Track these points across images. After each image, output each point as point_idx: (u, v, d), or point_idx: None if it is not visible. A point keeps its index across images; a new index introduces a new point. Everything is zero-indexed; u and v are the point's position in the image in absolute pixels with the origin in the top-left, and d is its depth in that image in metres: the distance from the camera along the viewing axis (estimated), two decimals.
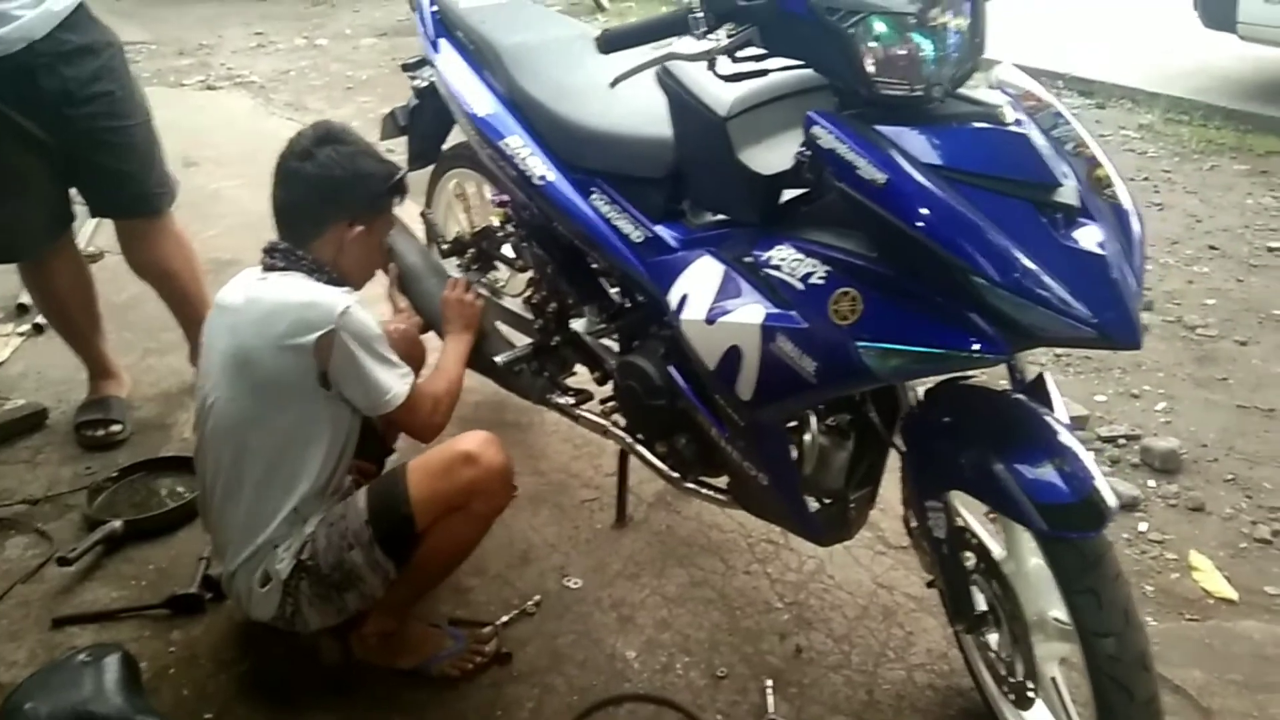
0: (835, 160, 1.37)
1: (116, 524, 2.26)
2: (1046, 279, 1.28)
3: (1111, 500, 1.34)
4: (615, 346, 2.15)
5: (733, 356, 1.61)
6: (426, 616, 2.01)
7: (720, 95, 1.61)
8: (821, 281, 1.46)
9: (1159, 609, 2.09)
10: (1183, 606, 2.11)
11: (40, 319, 3.21)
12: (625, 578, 2.18)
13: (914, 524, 1.67)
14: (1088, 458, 1.38)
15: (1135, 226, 1.43)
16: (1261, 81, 5.75)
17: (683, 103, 1.67)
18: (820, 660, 1.96)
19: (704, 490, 1.98)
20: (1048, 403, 1.51)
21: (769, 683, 1.89)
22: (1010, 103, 1.44)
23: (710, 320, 1.63)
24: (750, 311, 1.56)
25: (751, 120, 1.61)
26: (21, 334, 3.27)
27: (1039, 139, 1.39)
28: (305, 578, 1.76)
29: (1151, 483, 2.52)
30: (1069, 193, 1.36)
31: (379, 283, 2.10)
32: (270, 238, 1.84)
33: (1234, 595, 2.12)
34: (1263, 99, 5.52)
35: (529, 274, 2.27)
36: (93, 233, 3.64)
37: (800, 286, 1.49)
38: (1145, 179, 4.56)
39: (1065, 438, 1.41)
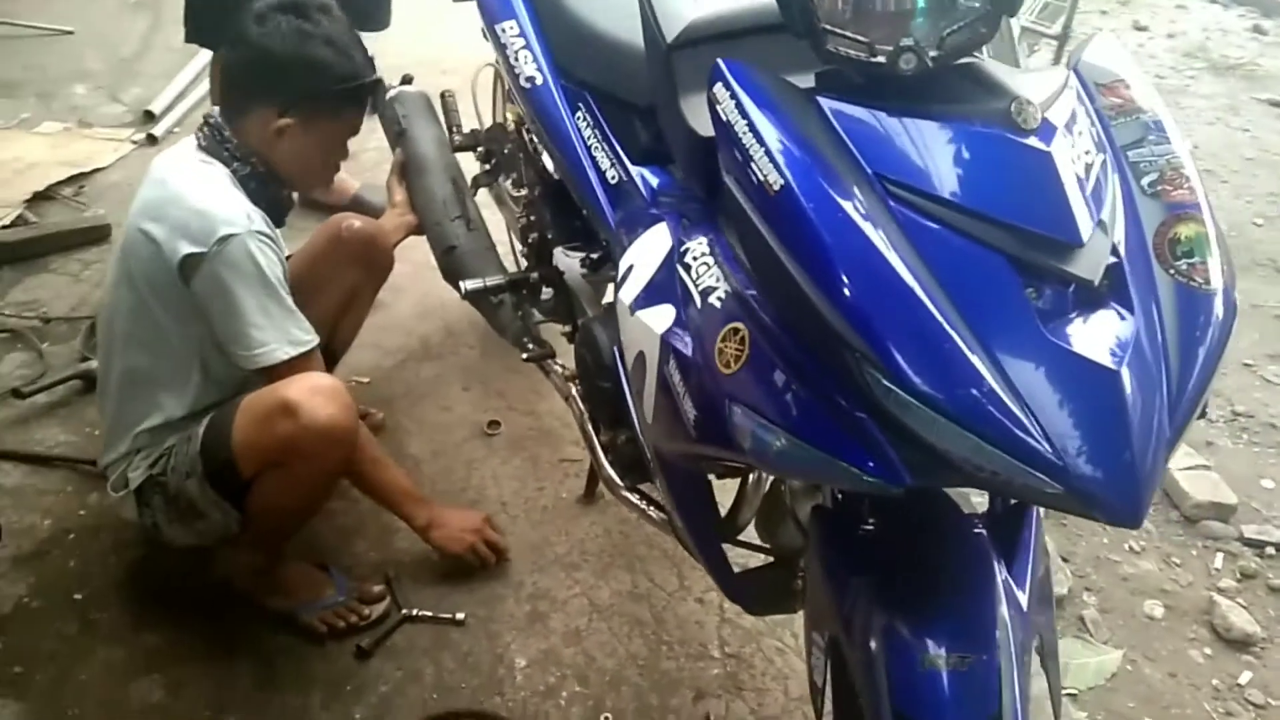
0: (729, 139, 0.92)
1: (89, 366, 2.16)
2: (998, 391, 0.80)
3: None
4: (606, 296, 1.77)
5: (640, 364, 1.22)
6: (323, 552, 1.78)
7: (674, 10, 1.16)
8: (718, 304, 1.04)
9: None
10: None
11: (159, 130, 3.19)
12: (562, 566, 1.86)
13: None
14: (1006, 672, 0.90)
15: (1213, 326, 0.90)
16: None
17: (643, 12, 1.23)
18: None
19: (640, 505, 1.59)
20: (1021, 545, 1.02)
21: None
22: (1052, 97, 0.91)
23: (634, 309, 1.24)
24: (661, 315, 1.17)
25: (708, 55, 1.15)
26: (135, 142, 3.23)
27: (1066, 162, 0.87)
28: (157, 494, 1.57)
29: None
30: (1085, 260, 0.85)
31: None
32: None
33: None
34: None
35: (524, 191, 1.89)
36: None
37: (698, 302, 1.07)
38: None
39: (996, 625, 0.93)
